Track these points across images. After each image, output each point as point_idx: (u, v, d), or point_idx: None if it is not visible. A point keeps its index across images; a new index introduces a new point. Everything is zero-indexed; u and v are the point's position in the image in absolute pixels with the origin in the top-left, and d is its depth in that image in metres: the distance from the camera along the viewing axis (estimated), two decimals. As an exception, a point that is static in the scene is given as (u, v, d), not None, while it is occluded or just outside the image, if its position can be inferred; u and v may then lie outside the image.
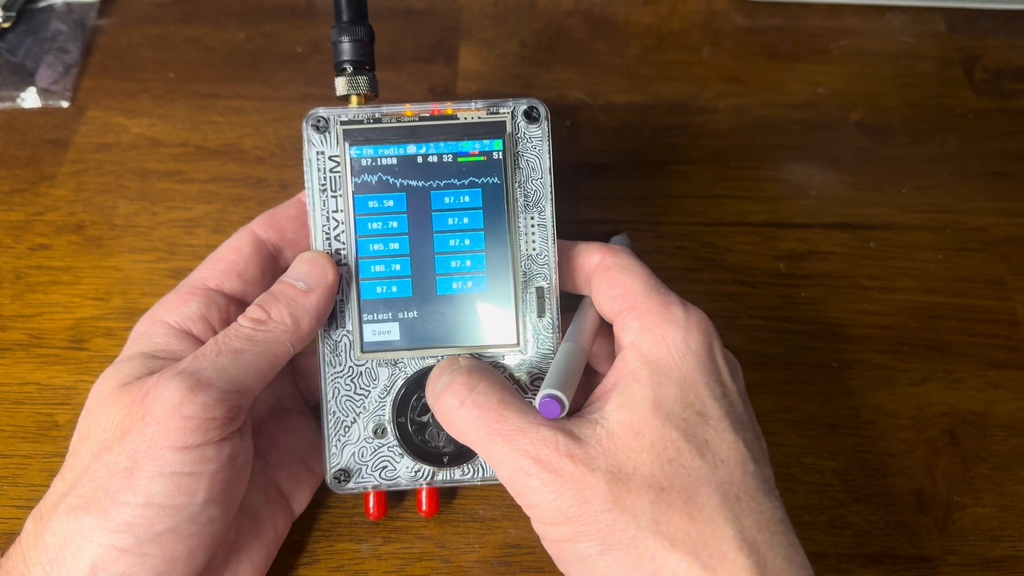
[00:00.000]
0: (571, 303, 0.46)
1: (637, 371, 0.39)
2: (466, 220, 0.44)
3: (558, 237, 0.44)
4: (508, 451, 0.38)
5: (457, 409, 0.40)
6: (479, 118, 0.44)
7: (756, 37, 0.69)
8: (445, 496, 0.48)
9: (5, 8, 0.67)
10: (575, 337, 0.43)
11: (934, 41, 0.69)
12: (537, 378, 0.44)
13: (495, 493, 0.48)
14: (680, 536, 0.35)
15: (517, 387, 0.44)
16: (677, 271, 0.56)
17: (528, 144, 0.44)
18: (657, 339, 0.40)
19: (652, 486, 0.36)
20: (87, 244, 0.57)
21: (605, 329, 0.45)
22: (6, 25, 0.67)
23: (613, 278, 0.43)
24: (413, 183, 0.44)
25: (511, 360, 0.44)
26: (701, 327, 0.41)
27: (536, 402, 0.39)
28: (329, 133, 0.44)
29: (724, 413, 0.39)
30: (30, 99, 0.63)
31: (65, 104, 0.63)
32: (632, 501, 0.36)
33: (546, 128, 0.44)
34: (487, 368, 0.42)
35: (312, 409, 0.48)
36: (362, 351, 0.44)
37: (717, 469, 0.37)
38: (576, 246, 0.45)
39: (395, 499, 0.48)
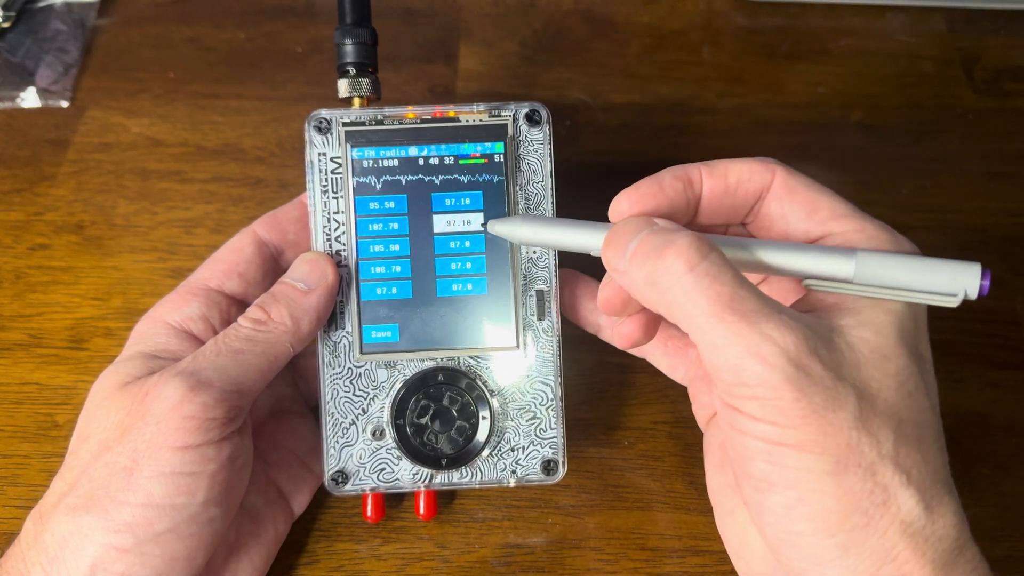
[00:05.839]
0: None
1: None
2: (467, 222, 0.44)
3: None
4: (747, 333, 0.33)
5: (684, 275, 0.34)
6: (481, 121, 0.44)
7: (756, 37, 0.69)
8: (445, 496, 0.48)
9: (5, 8, 0.67)
10: (847, 251, 0.37)
11: (934, 41, 0.69)
12: (536, 381, 0.44)
13: (495, 494, 0.48)
14: (915, 473, 0.34)
15: (518, 391, 0.45)
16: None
17: (530, 147, 0.44)
18: None
19: (894, 416, 0.34)
20: (87, 244, 0.57)
21: None
22: (6, 25, 0.67)
23: (811, 200, 0.39)
24: (414, 185, 0.44)
25: (510, 363, 0.45)
26: None
27: (975, 289, 0.35)
28: (331, 134, 0.44)
29: (930, 359, 0.37)
30: (30, 99, 0.63)
31: (65, 104, 0.63)
32: (877, 426, 0.34)
33: (547, 131, 0.44)
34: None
35: (312, 410, 0.48)
36: (361, 352, 0.44)
37: (935, 412, 0.36)
38: (731, 164, 0.41)
39: (394, 500, 0.48)
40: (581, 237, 0.40)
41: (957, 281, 0.35)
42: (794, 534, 0.35)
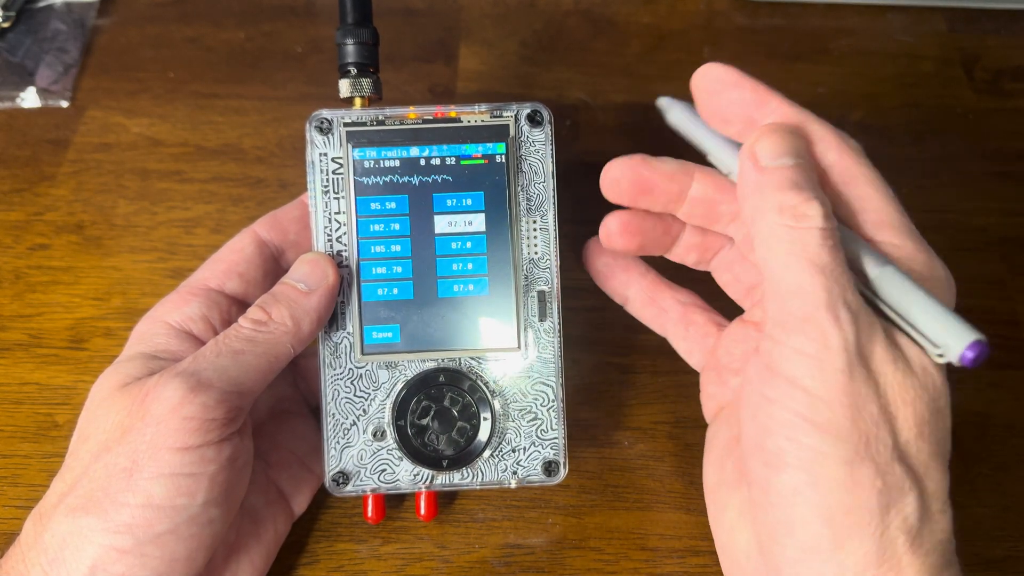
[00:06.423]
0: (570, 303, 0.46)
1: None
2: (468, 223, 0.44)
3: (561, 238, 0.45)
4: (826, 282, 0.35)
5: (813, 232, 0.36)
6: (482, 121, 0.44)
7: (756, 37, 0.69)
8: (445, 497, 0.48)
9: (5, 8, 0.67)
10: (883, 259, 0.37)
11: (934, 41, 0.69)
12: (538, 381, 0.44)
13: (495, 494, 0.48)
14: (919, 483, 0.34)
15: (520, 392, 0.45)
16: (678, 270, 0.56)
17: (531, 148, 0.44)
18: None
19: (918, 425, 0.35)
20: (87, 244, 0.57)
21: None
22: (6, 25, 0.67)
23: (864, 196, 0.39)
24: (415, 185, 0.44)
25: (512, 364, 0.44)
26: (953, 293, 0.38)
27: (955, 351, 0.35)
28: (332, 135, 0.44)
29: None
30: (30, 99, 0.63)
31: (65, 104, 0.63)
32: (900, 428, 0.35)
33: (549, 132, 0.44)
34: None
35: (313, 411, 0.48)
36: (362, 353, 0.44)
37: (950, 435, 0.36)
38: (808, 122, 0.40)
39: (394, 500, 0.48)
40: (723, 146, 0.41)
41: (944, 340, 0.35)
42: (794, 520, 0.35)
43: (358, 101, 0.45)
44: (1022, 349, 0.54)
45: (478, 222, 0.44)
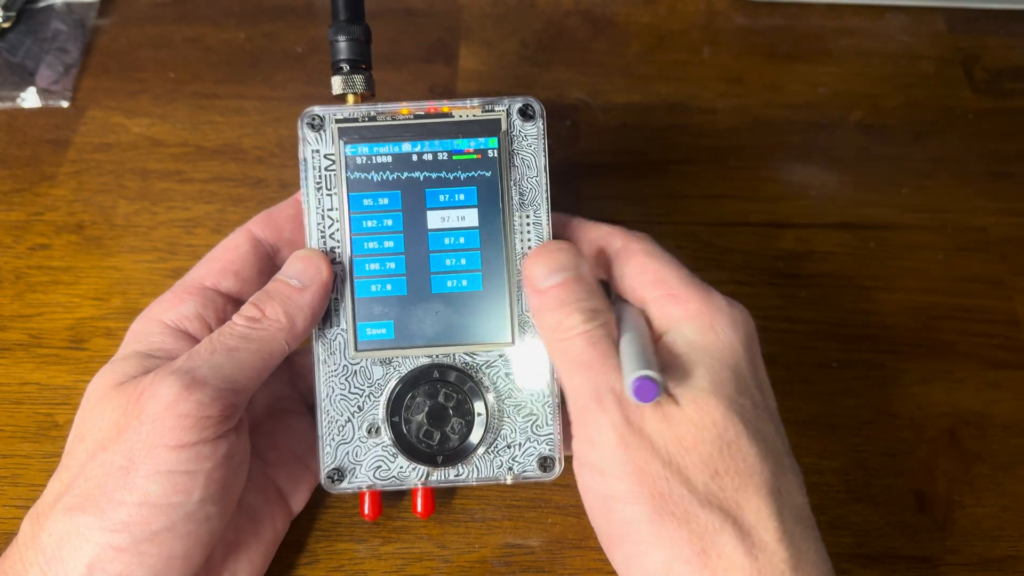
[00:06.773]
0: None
1: (687, 355, 0.40)
2: (461, 218, 0.44)
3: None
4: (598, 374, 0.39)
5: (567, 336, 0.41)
6: (474, 116, 0.44)
7: (756, 37, 0.69)
8: (445, 496, 0.48)
9: (5, 8, 0.67)
10: (634, 326, 0.42)
11: (934, 41, 0.69)
12: (532, 377, 0.44)
13: (495, 493, 0.48)
14: (730, 520, 0.36)
15: (514, 388, 0.45)
16: (677, 271, 0.56)
17: (523, 142, 0.44)
18: (705, 327, 0.40)
19: (709, 466, 0.37)
20: (87, 244, 0.57)
21: None
22: (6, 25, 0.67)
23: (642, 264, 0.43)
24: (408, 181, 0.44)
25: (506, 359, 0.44)
26: (745, 318, 0.42)
27: (629, 388, 0.37)
28: (324, 131, 0.44)
29: (767, 404, 0.40)
30: (30, 99, 0.63)
31: (65, 104, 0.63)
32: (690, 476, 0.37)
33: (541, 126, 0.44)
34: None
35: (311, 409, 0.48)
36: (356, 350, 0.44)
37: (767, 459, 0.38)
38: (595, 228, 0.46)
39: (394, 499, 0.48)
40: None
41: (627, 381, 0.37)
42: None
43: (350, 98, 0.45)
44: (1022, 349, 0.54)
45: (471, 217, 0.44)
